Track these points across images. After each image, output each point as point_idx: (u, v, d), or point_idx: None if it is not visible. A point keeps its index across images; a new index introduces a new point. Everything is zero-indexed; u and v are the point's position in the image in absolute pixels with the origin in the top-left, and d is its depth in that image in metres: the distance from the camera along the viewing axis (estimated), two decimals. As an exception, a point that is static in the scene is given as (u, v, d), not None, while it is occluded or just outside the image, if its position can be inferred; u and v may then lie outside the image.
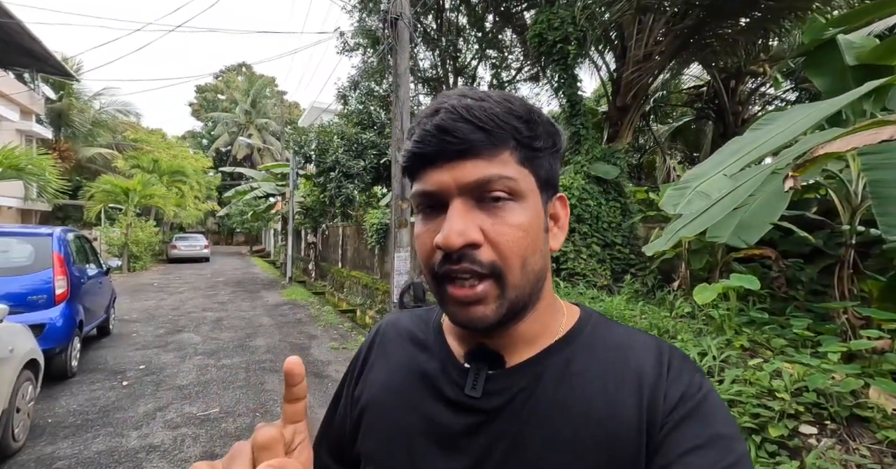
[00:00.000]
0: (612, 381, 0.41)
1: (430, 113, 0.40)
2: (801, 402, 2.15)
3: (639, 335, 0.46)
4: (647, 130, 9.70)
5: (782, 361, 2.46)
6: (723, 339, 2.90)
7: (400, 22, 3.86)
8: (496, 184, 0.38)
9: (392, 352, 0.51)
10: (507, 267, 0.38)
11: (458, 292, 0.38)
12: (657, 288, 4.80)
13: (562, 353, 0.43)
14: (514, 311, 0.40)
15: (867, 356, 2.46)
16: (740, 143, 1.56)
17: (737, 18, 5.53)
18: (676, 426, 0.37)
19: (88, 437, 2.62)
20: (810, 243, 3.60)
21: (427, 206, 0.41)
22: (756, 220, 2.97)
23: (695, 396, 0.39)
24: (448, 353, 0.46)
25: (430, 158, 0.39)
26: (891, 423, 1.95)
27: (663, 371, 0.41)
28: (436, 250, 0.39)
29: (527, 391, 0.41)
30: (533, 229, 0.40)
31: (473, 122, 0.38)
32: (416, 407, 0.44)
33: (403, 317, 0.55)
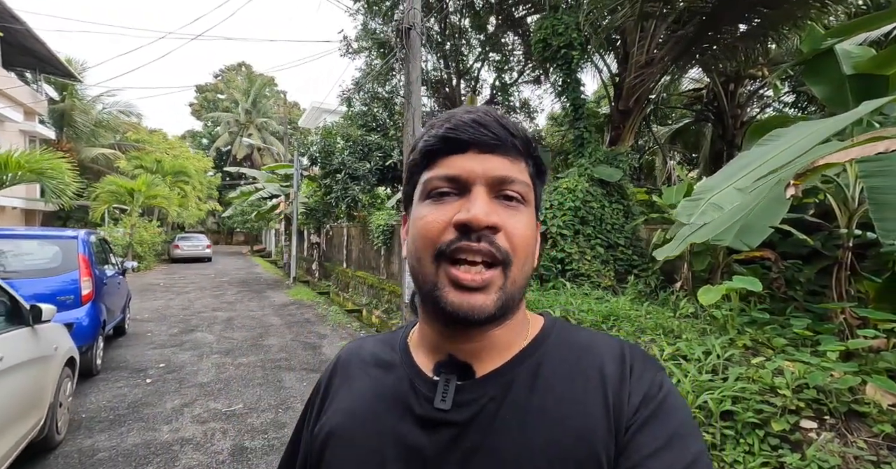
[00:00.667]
0: (579, 385, 0.41)
1: (463, 112, 0.42)
2: (801, 398, 2.28)
3: (601, 338, 0.46)
4: (648, 132, 9.84)
5: (783, 360, 2.59)
6: (726, 339, 3.03)
7: (413, 31, 3.98)
8: (516, 185, 0.41)
9: (355, 378, 0.49)
10: (515, 259, 0.40)
11: (464, 276, 0.38)
12: (660, 288, 4.93)
13: (530, 360, 0.44)
14: (506, 308, 0.40)
15: (864, 355, 2.59)
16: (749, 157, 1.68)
17: (736, 25, 5.68)
18: (640, 428, 0.38)
19: (123, 431, 2.74)
20: (809, 245, 3.74)
21: (439, 193, 0.41)
22: (758, 224, 3.10)
23: (656, 397, 0.40)
24: (415, 368, 0.46)
25: (463, 145, 0.41)
26: (887, 417, 2.08)
27: (626, 372, 0.42)
28: (448, 229, 0.39)
29: (497, 400, 0.41)
30: (534, 234, 0.44)
31: (506, 127, 0.42)
32: (385, 431, 0.43)
33: (366, 342, 0.54)
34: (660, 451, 0.37)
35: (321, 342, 5.25)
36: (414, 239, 0.42)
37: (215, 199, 24.24)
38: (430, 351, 0.46)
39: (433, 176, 0.42)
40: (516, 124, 0.43)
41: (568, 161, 7.56)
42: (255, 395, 3.43)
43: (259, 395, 3.43)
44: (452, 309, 0.39)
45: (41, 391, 2.18)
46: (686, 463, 0.36)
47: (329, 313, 7.15)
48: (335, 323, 6.38)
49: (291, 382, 3.73)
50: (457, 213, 0.39)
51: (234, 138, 28.20)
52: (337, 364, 0.53)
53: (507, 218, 0.40)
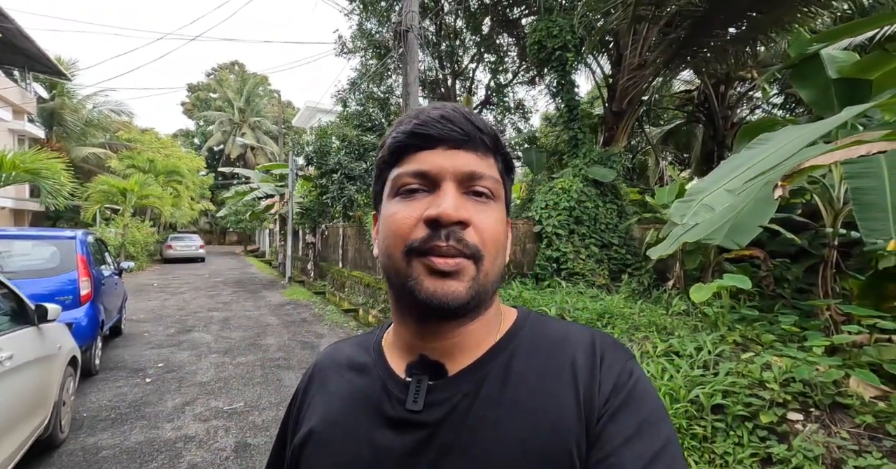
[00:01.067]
0: (551, 377, 0.41)
1: (430, 108, 0.43)
2: (788, 391, 2.37)
3: (573, 328, 0.46)
4: (640, 133, 9.97)
5: (772, 355, 2.69)
6: (717, 335, 3.13)
7: (410, 34, 4.02)
8: (485, 180, 0.42)
9: (330, 383, 0.49)
10: (485, 252, 0.40)
11: (438, 260, 0.38)
12: (653, 287, 5.03)
13: (502, 355, 0.43)
14: (479, 299, 0.40)
15: (848, 349, 2.69)
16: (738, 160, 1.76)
17: (726, 28, 5.80)
18: (610, 418, 0.38)
19: (126, 429, 2.76)
20: (796, 244, 3.86)
21: (409, 190, 0.41)
22: (747, 224, 3.20)
23: (626, 385, 0.40)
24: (388, 370, 0.46)
25: (432, 141, 0.41)
26: (868, 409, 2.18)
27: (596, 361, 0.42)
28: (418, 226, 0.39)
29: (469, 397, 0.41)
30: (504, 229, 0.44)
31: (474, 122, 0.42)
32: (358, 435, 0.43)
33: (340, 345, 0.54)
34: (630, 439, 0.37)
35: (319, 341, 5.27)
36: (385, 236, 0.42)
37: (208, 199, 24.06)
38: (403, 352, 0.46)
39: (402, 172, 0.42)
40: (484, 120, 0.44)
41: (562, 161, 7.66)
42: (255, 393, 3.45)
43: (259, 393, 3.46)
44: (427, 295, 0.39)
45: (46, 389, 2.20)
46: (656, 450, 0.36)
47: (326, 313, 7.18)
48: (332, 322, 6.40)
49: (291, 381, 3.76)
50: (426, 208, 0.39)
51: (227, 137, 27.99)
52: (313, 370, 0.52)
53: (476, 213, 0.40)
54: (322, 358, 0.53)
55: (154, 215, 16.61)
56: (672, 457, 0.36)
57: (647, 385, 0.41)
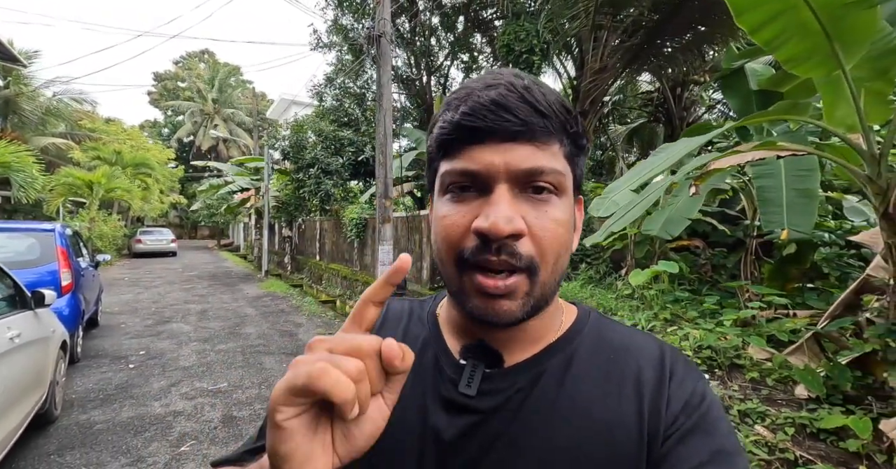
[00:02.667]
0: (612, 385, 0.40)
1: (483, 86, 0.37)
2: (700, 357, 2.85)
3: (639, 336, 0.45)
4: (605, 132, 10.53)
5: (691, 328, 3.18)
6: (651, 314, 3.62)
7: (383, 39, 4.28)
8: (546, 175, 0.37)
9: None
10: (543, 263, 0.37)
11: (488, 282, 0.36)
12: (608, 274, 5.53)
13: (562, 354, 0.42)
14: (536, 309, 0.38)
15: (754, 323, 3.21)
16: (643, 165, 2.15)
17: (678, 37, 6.33)
18: (681, 440, 0.36)
19: (116, 407, 2.97)
20: (731, 235, 4.42)
21: (460, 187, 0.38)
22: (678, 217, 3.68)
23: (699, 407, 0.38)
24: (443, 347, 0.44)
25: (481, 135, 0.36)
26: (756, 367, 2.67)
27: (665, 376, 0.40)
28: (468, 235, 0.36)
29: (524, 392, 0.40)
30: (569, 227, 0.39)
31: (534, 104, 0.36)
32: (407, 406, 0.41)
33: (395, 304, 0.52)
34: (704, 465, 0.35)
35: (297, 330, 5.52)
36: (436, 239, 0.40)
37: (178, 192, 23.39)
38: (459, 332, 0.44)
39: (449, 170, 0.38)
40: (548, 97, 0.37)
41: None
42: (237, 375, 3.70)
43: (241, 375, 3.71)
44: (478, 313, 0.37)
45: (44, 368, 2.40)
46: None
47: (303, 304, 7.38)
48: (310, 313, 6.63)
49: (272, 364, 4.02)
50: (476, 216, 0.36)
51: (198, 129, 27.17)
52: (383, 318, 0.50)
53: (534, 219, 0.37)
54: (387, 312, 0.51)
55: (121, 209, 16.12)
56: None
57: (721, 411, 0.39)
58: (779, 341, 2.97)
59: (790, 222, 2.96)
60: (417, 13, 9.30)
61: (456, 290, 0.39)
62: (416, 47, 9.70)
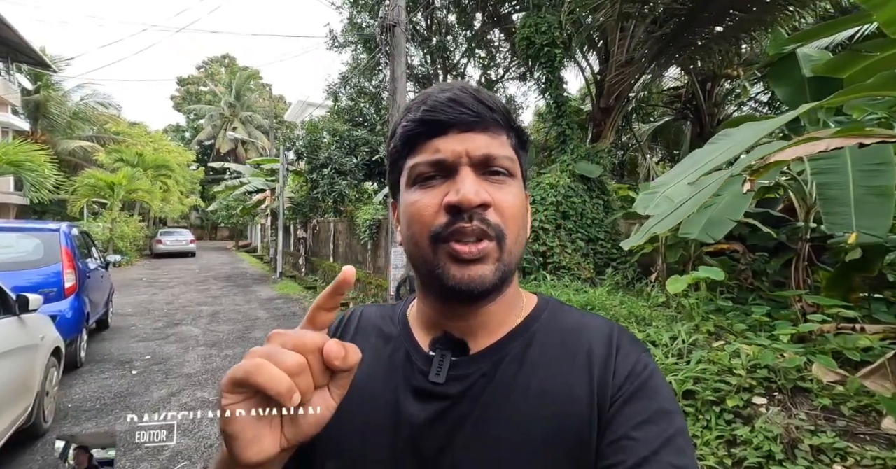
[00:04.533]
0: (566, 363, 0.43)
1: (438, 91, 0.42)
2: (754, 377, 2.48)
3: (592, 318, 0.48)
4: (629, 129, 10.08)
5: (741, 343, 2.80)
6: (692, 325, 3.24)
7: (397, 29, 4.05)
8: (500, 160, 0.42)
9: (357, 344, 0.50)
10: (508, 231, 0.41)
11: (463, 248, 0.39)
12: (636, 280, 5.14)
13: (521, 338, 0.45)
14: (504, 278, 0.42)
15: (814, 338, 2.81)
16: (700, 154, 1.83)
17: (711, 27, 5.89)
18: (625, 403, 0.40)
19: (110, 419, 2.79)
20: (774, 238, 3.98)
21: (427, 177, 0.42)
22: (722, 218, 3.30)
23: (641, 374, 0.41)
24: (413, 343, 0.47)
25: (443, 126, 0.41)
26: (826, 392, 2.29)
27: (612, 351, 0.43)
28: (440, 212, 0.40)
29: (488, 376, 0.43)
30: (523, 205, 0.44)
31: (484, 101, 0.42)
32: (379, 398, 0.45)
33: (368, 310, 0.55)
34: (643, 423, 0.38)
35: (307, 335, 5.32)
36: (409, 224, 0.43)
37: (198, 194, 23.83)
38: (427, 327, 0.47)
39: (418, 162, 0.42)
40: (493, 97, 0.43)
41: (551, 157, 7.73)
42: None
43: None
44: (454, 282, 0.40)
45: (29, 379, 2.23)
46: (668, 435, 0.38)
47: (315, 307, 7.20)
48: (321, 316, 6.44)
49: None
50: (446, 195, 0.40)
51: (218, 132, 27.68)
52: (340, 328, 0.53)
53: (494, 192, 0.41)
54: (351, 318, 0.54)
55: (143, 210, 16.44)
56: (684, 443, 0.38)
57: (661, 379, 0.42)
58: (847, 360, 2.57)
59: (859, 224, 2.55)
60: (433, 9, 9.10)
61: (431, 267, 0.41)
62: (432, 44, 9.48)
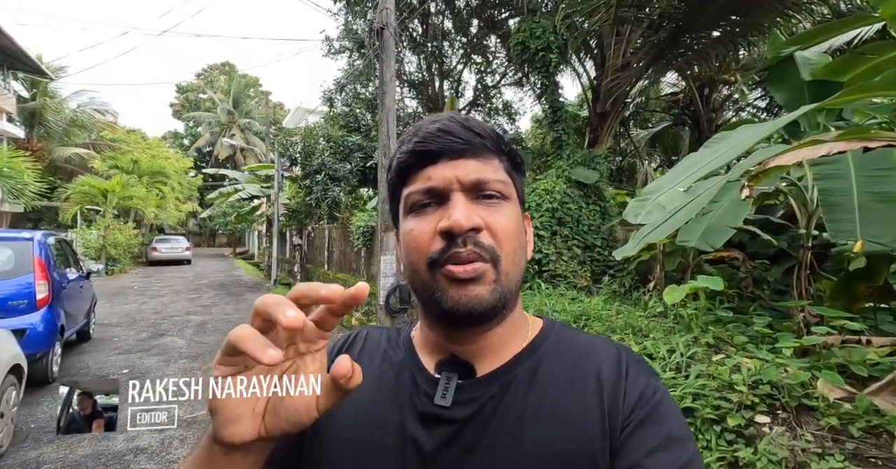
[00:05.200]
0: (576, 384, 0.43)
1: (428, 122, 0.44)
2: (757, 394, 2.32)
3: (599, 341, 0.48)
4: (627, 135, 10.01)
5: (742, 357, 2.65)
6: (690, 337, 3.09)
7: (386, 31, 3.96)
8: (492, 184, 0.43)
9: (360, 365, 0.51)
10: (502, 253, 0.41)
11: (457, 269, 0.40)
12: (634, 289, 5.00)
13: (529, 361, 0.45)
14: (504, 301, 0.42)
15: (819, 351, 2.67)
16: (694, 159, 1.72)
17: (708, 31, 5.82)
18: (636, 428, 0.39)
19: (73, 441, 2.63)
20: (775, 246, 3.84)
21: (421, 205, 0.43)
22: (720, 225, 3.17)
23: (651, 399, 0.41)
24: (418, 365, 0.47)
25: (434, 156, 0.42)
26: (834, 410, 2.14)
27: (622, 373, 0.43)
28: (434, 238, 0.41)
29: (496, 399, 0.42)
30: (519, 227, 0.45)
31: (472, 129, 0.43)
32: (384, 423, 0.44)
33: (373, 331, 0.55)
34: (656, 450, 0.37)
35: (296, 345, 5.17)
36: (407, 252, 0.43)
37: (196, 201, 23.72)
38: (432, 350, 0.47)
39: (412, 191, 0.43)
40: (482, 124, 0.45)
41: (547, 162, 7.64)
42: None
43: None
44: (453, 304, 0.40)
45: (-21, 400, 2.09)
46: (681, 464, 0.37)
47: (307, 316, 7.05)
48: (312, 326, 6.29)
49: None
50: (440, 220, 0.41)
51: (216, 139, 27.69)
52: (345, 348, 0.52)
53: (487, 215, 0.42)
54: (356, 339, 0.54)
55: (138, 217, 16.32)
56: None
57: (672, 403, 0.42)
58: (853, 375, 2.42)
59: (864, 232, 2.42)
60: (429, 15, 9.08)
61: (430, 292, 0.42)
62: (427, 50, 9.45)
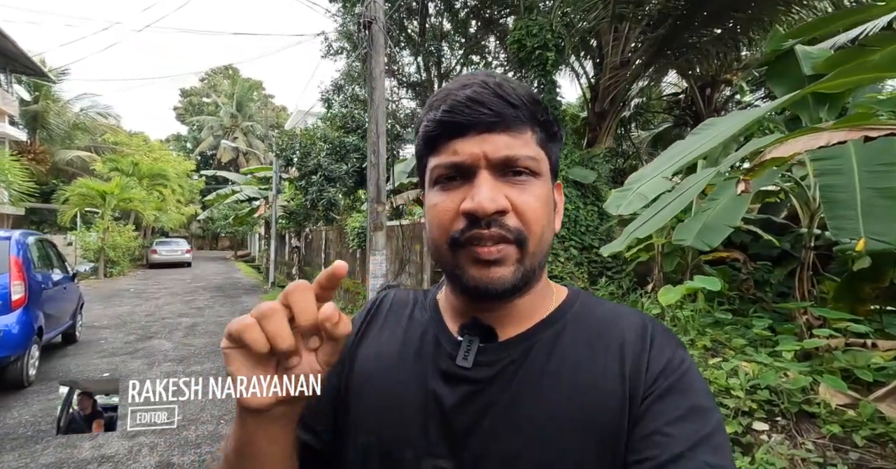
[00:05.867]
0: (598, 352, 0.42)
1: (459, 87, 0.41)
2: (754, 399, 2.20)
3: (625, 310, 0.47)
4: (627, 136, 9.89)
5: (740, 360, 2.52)
6: (686, 340, 2.95)
7: (374, 25, 3.88)
8: (522, 161, 0.41)
9: (386, 326, 0.51)
10: (530, 234, 0.40)
11: (482, 249, 0.39)
12: (632, 290, 4.87)
13: (552, 328, 0.45)
14: (526, 279, 0.41)
15: (820, 355, 2.53)
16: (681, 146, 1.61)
17: (708, 28, 5.70)
18: (659, 398, 0.39)
19: (38, 449, 2.52)
20: (777, 246, 3.70)
21: (447, 178, 0.42)
22: (718, 224, 3.04)
23: (677, 370, 0.40)
24: (442, 327, 0.47)
25: (462, 128, 0.40)
26: (836, 418, 2.01)
27: (646, 343, 0.42)
28: (458, 217, 0.40)
29: (517, 363, 0.42)
30: (548, 205, 0.43)
31: (505, 97, 0.40)
32: (408, 378, 0.45)
33: (400, 293, 0.55)
34: (679, 420, 0.37)
35: (286, 348, 5.06)
36: (430, 227, 0.43)
37: (199, 204, 23.77)
38: (456, 314, 0.47)
39: (437, 163, 0.42)
40: (517, 90, 0.41)
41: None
42: (198, 405, 3.23)
43: (203, 405, 3.24)
44: (473, 283, 0.40)
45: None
46: (705, 433, 0.36)
47: (301, 318, 6.94)
48: (305, 328, 6.18)
49: (242, 391, 3.54)
50: (463, 199, 0.40)
51: (219, 142, 27.83)
52: (375, 309, 0.54)
53: (515, 196, 0.40)
54: (383, 300, 0.55)
55: (139, 219, 16.35)
56: (721, 442, 0.37)
57: (697, 374, 0.41)
58: (857, 380, 2.29)
59: (868, 230, 2.29)
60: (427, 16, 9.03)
61: (451, 267, 0.42)
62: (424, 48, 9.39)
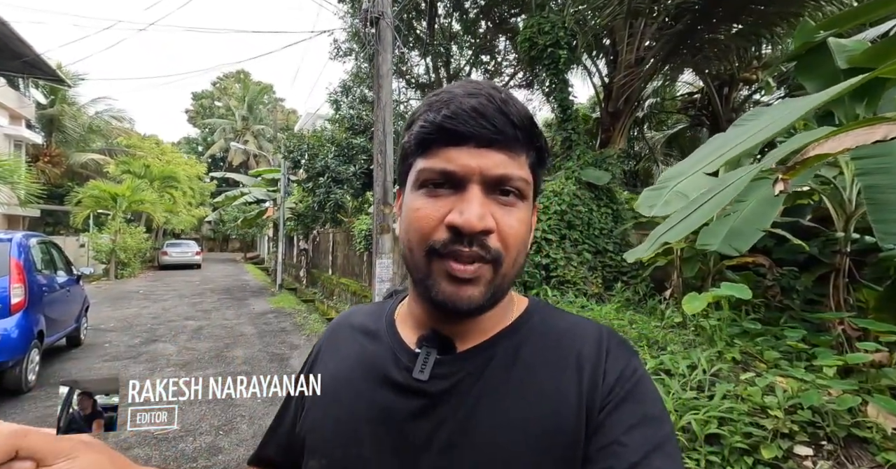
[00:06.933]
0: (556, 365, 0.42)
1: (464, 94, 0.39)
2: (795, 420, 1.99)
3: (583, 322, 0.47)
4: (642, 137, 9.67)
5: (775, 375, 2.31)
6: (713, 351, 2.75)
7: (382, 21, 3.76)
8: (514, 181, 0.40)
9: (342, 344, 0.51)
10: (506, 256, 0.40)
11: (458, 266, 0.38)
12: (649, 296, 4.67)
13: (511, 339, 0.45)
14: (495, 299, 0.41)
15: (864, 370, 2.32)
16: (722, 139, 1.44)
17: (728, 24, 5.48)
18: (615, 408, 0.39)
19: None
20: (805, 251, 3.47)
21: (435, 184, 0.40)
22: (747, 228, 2.85)
23: (630, 379, 0.41)
24: (398, 340, 0.47)
25: (460, 138, 0.39)
26: (891, 444, 1.80)
27: (602, 354, 0.43)
28: (440, 227, 0.39)
29: (474, 375, 0.42)
30: (528, 228, 0.43)
31: (509, 115, 0.39)
32: (363, 394, 0.44)
33: (356, 311, 0.56)
34: (633, 427, 0.38)
35: (291, 353, 4.95)
36: (407, 230, 0.42)
37: (209, 206, 24.00)
38: (415, 325, 0.47)
39: (427, 167, 0.41)
40: (521, 110, 0.41)
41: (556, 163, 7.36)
42: (197, 414, 3.12)
43: (203, 414, 3.12)
44: (443, 298, 0.40)
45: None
46: (657, 442, 0.37)
47: (308, 322, 6.85)
48: (311, 332, 6.08)
49: (242, 400, 3.43)
50: (450, 211, 0.39)
51: (230, 145, 28.15)
52: (329, 331, 0.55)
53: (501, 217, 0.40)
54: (337, 320, 0.56)
55: (149, 221, 16.52)
56: (673, 450, 0.38)
57: (651, 384, 0.43)
58: (909, 400, 2.07)
59: (919, 233, 2.09)
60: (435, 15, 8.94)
61: (423, 276, 0.41)
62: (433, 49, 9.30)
